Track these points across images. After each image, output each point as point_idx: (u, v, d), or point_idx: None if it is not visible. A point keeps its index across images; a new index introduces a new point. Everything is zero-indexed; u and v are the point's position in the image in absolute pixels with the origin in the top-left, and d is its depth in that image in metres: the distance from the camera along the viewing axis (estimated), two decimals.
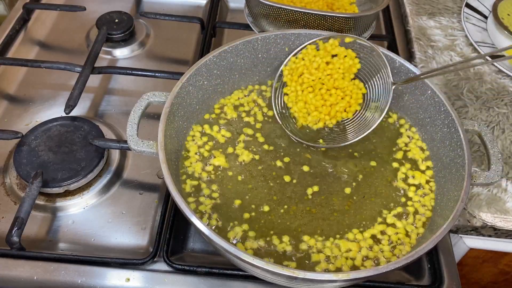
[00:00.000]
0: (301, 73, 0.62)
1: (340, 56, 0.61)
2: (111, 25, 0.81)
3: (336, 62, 0.61)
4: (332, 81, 0.61)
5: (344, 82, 0.61)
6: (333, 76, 0.61)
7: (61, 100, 0.72)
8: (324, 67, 0.61)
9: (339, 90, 0.61)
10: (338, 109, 0.61)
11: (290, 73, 0.63)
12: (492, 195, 0.62)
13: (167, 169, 0.48)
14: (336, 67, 0.61)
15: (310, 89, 0.61)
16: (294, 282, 0.45)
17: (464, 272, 0.79)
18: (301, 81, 0.62)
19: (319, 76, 0.61)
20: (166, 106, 0.54)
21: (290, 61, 0.63)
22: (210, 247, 0.59)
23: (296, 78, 0.62)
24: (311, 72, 0.61)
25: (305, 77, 0.61)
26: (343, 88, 0.61)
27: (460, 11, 0.86)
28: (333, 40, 0.61)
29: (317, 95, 0.61)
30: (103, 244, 0.58)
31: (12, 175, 0.63)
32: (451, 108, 0.56)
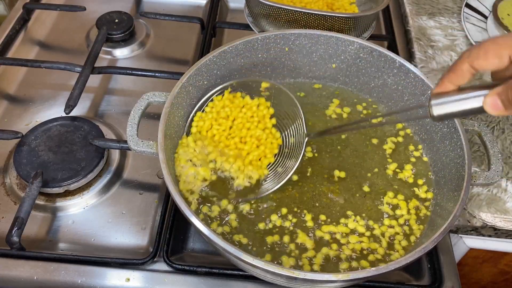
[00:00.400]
0: (209, 127, 0.58)
1: (252, 105, 0.60)
2: (111, 25, 0.81)
3: (248, 111, 0.59)
4: (245, 131, 0.58)
5: (258, 130, 0.58)
6: (245, 126, 0.58)
7: (61, 100, 0.72)
8: (236, 115, 0.59)
9: (253, 138, 0.57)
10: (253, 158, 0.56)
11: (198, 131, 0.58)
12: (492, 195, 0.62)
13: (167, 169, 0.48)
14: (248, 116, 0.59)
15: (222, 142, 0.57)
16: (294, 282, 0.45)
17: (464, 272, 0.79)
18: (210, 135, 0.57)
19: (230, 126, 0.58)
20: (166, 106, 0.54)
21: (196, 117, 0.59)
22: (210, 247, 0.59)
23: (205, 134, 0.57)
24: (220, 123, 0.58)
25: (215, 129, 0.57)
26: (258, 136, 0.58)
27: (460, 11, 0.86)
28: (238, 93, 0.60)
29: (230, 145, 0.57)
30: (103, 244, 0.58)
31: (12, 175, 0.63)
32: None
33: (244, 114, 0.59)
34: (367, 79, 0.65)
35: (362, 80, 0.66)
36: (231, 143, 0.57)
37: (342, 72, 0.66)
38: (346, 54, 0.64)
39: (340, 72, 0.66)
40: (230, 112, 0.59)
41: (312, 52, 0.65)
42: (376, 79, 0.64)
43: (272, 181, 0.55)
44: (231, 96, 0.60)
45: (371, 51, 0.62)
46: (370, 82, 0.65)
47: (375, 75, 0.64)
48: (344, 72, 0.66)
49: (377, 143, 0.61)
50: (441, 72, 0.76)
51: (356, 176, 0.58)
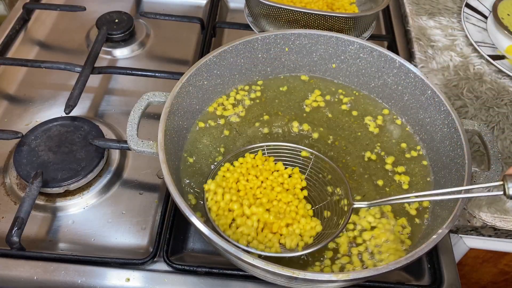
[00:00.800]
0: (235, 179, 0.54)
1: (285, 172, 0.55)
2: (111, 25, 0.81)
3: (279, 177, 0.55)
4: (274, 193, 0.53)
5: (289, 195, 0.53)
6: (275, 189, 0.53)
7: (61, 100, 0.72)
8: (265, 177, 0.54)
9: (281, 202, 0.53)
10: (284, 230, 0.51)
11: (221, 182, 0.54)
12: None
13: (167, 169, 0.48)
14: (278, 181, 0.54)
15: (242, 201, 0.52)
16: (294, 282, 0.45)
17: (464, 272, 0.79)
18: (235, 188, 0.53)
19: (258, 185, 0.53)
20: (166, 106, 0.54)
21: (224, 167, 0.55)
22: (210, 247, 0.59)
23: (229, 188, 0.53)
24: (248, 179, 0.54)
25: (241, 184, 0.53)
26: (288, 201, 0.53)
27: (460, 11, 0.86)
28: (271, 158, 0.56)
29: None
30: (103, 244, 0.58)
31: (12, 175, 0.63)
32: (451, 108, 0.56)
33: (274, 178, 0.54)
34: (367, 79, 0.65)
35: (362, 80, 0.66)
36: (256, 202, 0.52)
37: (342, 72, 0.66)
38: (346, 54, 0.64)
39: (340, 72, 0.66)
40: (260, 173, 0.54)
41: (312, 52, 0.65)
42: (376, 79, 0.64)
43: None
44: (263, 158, 0.56)
45: (371, 51, 0.62)
46: (370, 82, 0.65)
47: (375, 75, 0.64)
48: (344, 72, 0.66)
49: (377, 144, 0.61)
50: (441, 72, 0.76)
51: (356, 175, 0.58)
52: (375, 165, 0.59)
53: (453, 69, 0.76)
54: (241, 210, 0.51)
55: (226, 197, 0.51)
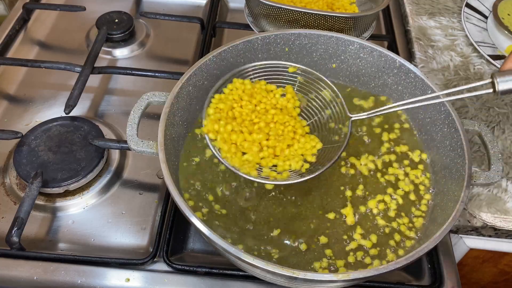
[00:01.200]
0: (230, 107, 0.55)
1: (277, 92, 0.57)
2: (111, 25, 0.81)
3: (272, 98, 0.56)
4: (270, 116, 0.54)
5: (285, 116, 0.54)
6: (270, 112, 0.55)
7: (61, 100, 0.72)
8: (259, 100, 0.55)
9: (278, 124, 0.54)
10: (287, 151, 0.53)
11: (216, 112, 0.55)
12: (492, 195, 0.62)
13: (167, 169, 0.48)
14: (272, 103, 0.56)
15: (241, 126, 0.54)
16: (294, 282, 0.45)
17: (464, 272, 0.79)
18: (230, 119, 0.54)
19: (252, 109, 0.54)
20: (166, 106, 0.54)
21: (214, 99, 0.56)
22: (210, 247, 0.59)
23: (225, 115, 0.54)
24: (242, 105, 0.54)
25: (236, 111, 0.54)
26: (285, 122, 0.54)
27: (460, 11, 0.86)
28: (262, 81, 0.57)
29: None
30: (103, 244, 0.58)
31: (12, 175, 0.63)
32: (451, 108, 0.56)
33: (268, 100, 0.55)
34: (367, 79, 0.65)
35: (362, 80, 0.65)
36: (255, 128, 0.53)
37: (342, 72, 0.66)
38: (346, 54, 0.64)
39: (340, 72, 0.66)
40: (253, 97, 0.55)
41: (312, 52, 0.65)
42: (376, 79, 0.64)
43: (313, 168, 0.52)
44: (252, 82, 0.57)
45: (371, 51, 0.62)
46: (370, 82, 0.65)
47: (375, 75, 0.64)
48: (344, 72, 0.66)
49: (376, 143, 0.61)
50: (441, 72, 0.76)
51: (356, 175, 0.58)
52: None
53: (453, 69, 0.76)
54: (243, 137, 0.52)
55: (228, 128, 0.52)
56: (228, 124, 0.53)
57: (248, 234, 0.52)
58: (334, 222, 0.53)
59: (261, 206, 0.54)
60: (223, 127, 0.52)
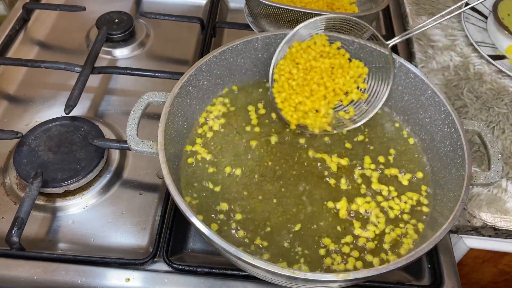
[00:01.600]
0: (293, 67, 0.61)
1: (332, 53, 0.62)
2: (111, 25, 0.81)
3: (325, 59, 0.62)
4: (327, 77, 0.61)
5: (341, 78, 0.61)
6: (327, 72, 0.61)
7: (61, 100, 0.72)
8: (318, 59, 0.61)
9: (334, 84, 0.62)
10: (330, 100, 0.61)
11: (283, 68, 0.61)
12: (492, 195, 0.62)
13: (167, 169, 0.48)
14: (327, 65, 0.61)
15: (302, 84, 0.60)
16: (294, 282, 0.45)
17: (464, 272, 0.79)
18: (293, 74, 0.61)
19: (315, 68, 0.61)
20: (166, 106, 0.54)
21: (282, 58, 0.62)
22: (210, 247, 0.59)
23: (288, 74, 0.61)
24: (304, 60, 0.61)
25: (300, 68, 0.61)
26: (340, 85, 0.61)
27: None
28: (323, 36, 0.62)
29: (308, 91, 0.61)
30: (103, 244, 0.58)
31: (12, 175, 0.63)
32: (451, 108, 0.56)
33: (322, 63, 0.61)
34: None
35: None
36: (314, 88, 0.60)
37: None
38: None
39: None
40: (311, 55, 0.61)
41: None
42: None
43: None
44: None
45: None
46: None
47: None
48: None
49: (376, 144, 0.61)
50: (441, 72, 0.76)
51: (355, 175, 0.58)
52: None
53: (453, 69, 0.76)
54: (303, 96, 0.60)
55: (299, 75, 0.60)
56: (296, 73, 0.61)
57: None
58: (333, 217, 0.53)
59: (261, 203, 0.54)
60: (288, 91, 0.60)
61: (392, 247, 0.52)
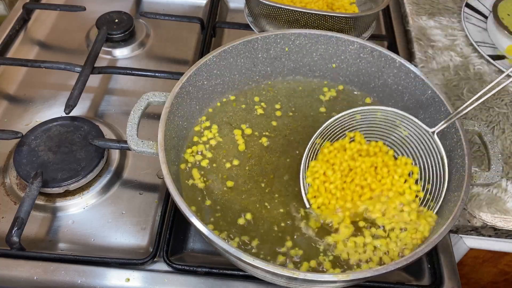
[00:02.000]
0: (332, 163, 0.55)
1: (370, 152, 0.57)
2: (111, 25, 0.81)
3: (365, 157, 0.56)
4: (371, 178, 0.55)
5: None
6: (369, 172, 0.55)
7: (61, 100, 0.72)
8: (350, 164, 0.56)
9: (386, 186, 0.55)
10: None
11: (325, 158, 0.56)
12: (492, 195, 0.62)
13: (167, 169, 0.48)
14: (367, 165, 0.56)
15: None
16: (294, 282, 0.45)
17: (464, 272, 0.79)
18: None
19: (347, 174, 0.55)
20: (166, 106, 0.54)
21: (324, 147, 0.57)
22: (210, 247, 0.59)
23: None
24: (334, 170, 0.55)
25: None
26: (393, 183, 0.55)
27: (460, 11, 0.86)
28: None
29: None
30: (103, 244, 0.58)
31: (12, 175, 0.63)
32: (451, 108, 0.56)
33: (362, 162, 0.55)
34: (367, 79, 0.65)
35: (362, 80, 0.66)
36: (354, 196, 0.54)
37: (342, 72, 0.66)
38: (346, 54, 0.64)
39: (340, 72, 0.66)
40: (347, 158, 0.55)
41: (312, 52, 0.65)
42: (376, 79, 0.64)
43: None
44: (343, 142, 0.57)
45: (371, 51, 0.62)
46: (370, 82, 0.65)
47: (375, 75, 0.64)
48: (344, 72, 0.66)
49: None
50: (441, 72, 0.76)
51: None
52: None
53: (453, 69, 0.76)
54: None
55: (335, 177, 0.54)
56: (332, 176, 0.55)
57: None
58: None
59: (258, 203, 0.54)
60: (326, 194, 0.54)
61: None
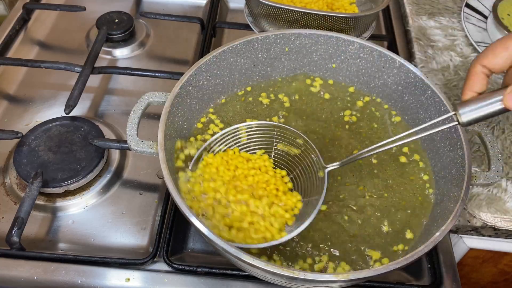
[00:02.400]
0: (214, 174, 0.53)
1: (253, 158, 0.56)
2: (111, 25, 0.81)
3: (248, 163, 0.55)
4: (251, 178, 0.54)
5: (265, 175, 0.54)
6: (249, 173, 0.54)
7: (61, 100, 0.72)
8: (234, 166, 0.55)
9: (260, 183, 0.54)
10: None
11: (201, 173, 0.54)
12: (492, 195, 0.62)
13: (167, 169, 0.48)
14: (249, 167, 0.55)
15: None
16: (294, 282, 0.45)
17: (464, 272, 0.79)
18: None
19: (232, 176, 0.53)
20: (166, 106, 0.54)
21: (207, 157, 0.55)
22: (210, 247, 0.59)
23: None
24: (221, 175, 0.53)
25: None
26: (266, 181, 0.54)
27: (460, 11, 0.86)
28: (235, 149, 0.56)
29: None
30: (103, 244, 0.58)
31: (12, 175, 0.63)
32: (451, 108, 0.56)
33: (245, 165, 0.55)
34: (367, 79, 0.65)
35: (362, 80, 0.65)
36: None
37: (342, 72, 0.66)
38: (346, 54, 0.64)
39: (340, 72, 0.66)
40: (233, 166, 0.54)
41: (312, 52, 0.65)
42: (376, 79, 0.64)
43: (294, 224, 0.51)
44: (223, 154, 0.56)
45: (371, 51, 0.62)
46: (370, 82, 0.65)
47: (375, 75, 0.64)
48: (344, 72, 0.66)
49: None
50: (441, 72, 0.76)
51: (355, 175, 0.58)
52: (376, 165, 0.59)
53: (453, 69, 0.76)
54: (226, 198, 0.51)
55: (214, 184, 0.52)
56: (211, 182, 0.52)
57: None
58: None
59: None
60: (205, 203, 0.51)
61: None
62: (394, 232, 0.53)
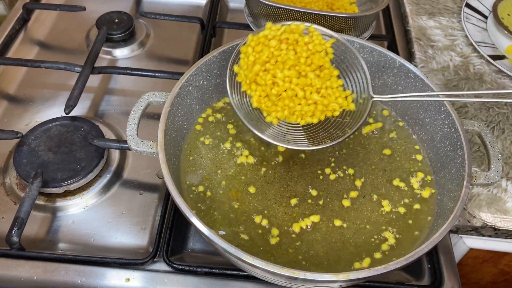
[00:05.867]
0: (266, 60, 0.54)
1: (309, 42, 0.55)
2: (111, 25, 0.81)
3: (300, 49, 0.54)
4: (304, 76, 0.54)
5: (320, 59, 0.54)
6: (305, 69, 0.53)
7: (61, 100, 0.72)
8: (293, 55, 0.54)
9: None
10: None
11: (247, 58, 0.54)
12: (492, 195, 0.62)
13: (167, 169, 0.48)
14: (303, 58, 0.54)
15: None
16: (294, 282, 0.45)
17: (464, 272, 0.79)
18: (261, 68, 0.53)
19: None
20: (166, 106, 0.54)
21: (252, 41, 0.55)
22: (210, 247, 0.59)
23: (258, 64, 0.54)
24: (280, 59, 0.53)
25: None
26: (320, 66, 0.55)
27: (460, 11, 0.86)
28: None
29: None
30: (103, 244, 0.58)
31: (12, 175, 0.63)
32: (451, 108, 0.56)
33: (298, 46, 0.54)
34: None
35: None
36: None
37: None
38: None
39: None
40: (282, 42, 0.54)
41: None
42: (376, 79, 0.64)
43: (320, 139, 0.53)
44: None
45: (371, 51, 0.62)
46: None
47: (375, 75, 0.64)
48: None
49: (377, 145, 0.61)
50: (441, 72, 0.76)
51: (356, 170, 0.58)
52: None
53: (453, 69, 0.76)
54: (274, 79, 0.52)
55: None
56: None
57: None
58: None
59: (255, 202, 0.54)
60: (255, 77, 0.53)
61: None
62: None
